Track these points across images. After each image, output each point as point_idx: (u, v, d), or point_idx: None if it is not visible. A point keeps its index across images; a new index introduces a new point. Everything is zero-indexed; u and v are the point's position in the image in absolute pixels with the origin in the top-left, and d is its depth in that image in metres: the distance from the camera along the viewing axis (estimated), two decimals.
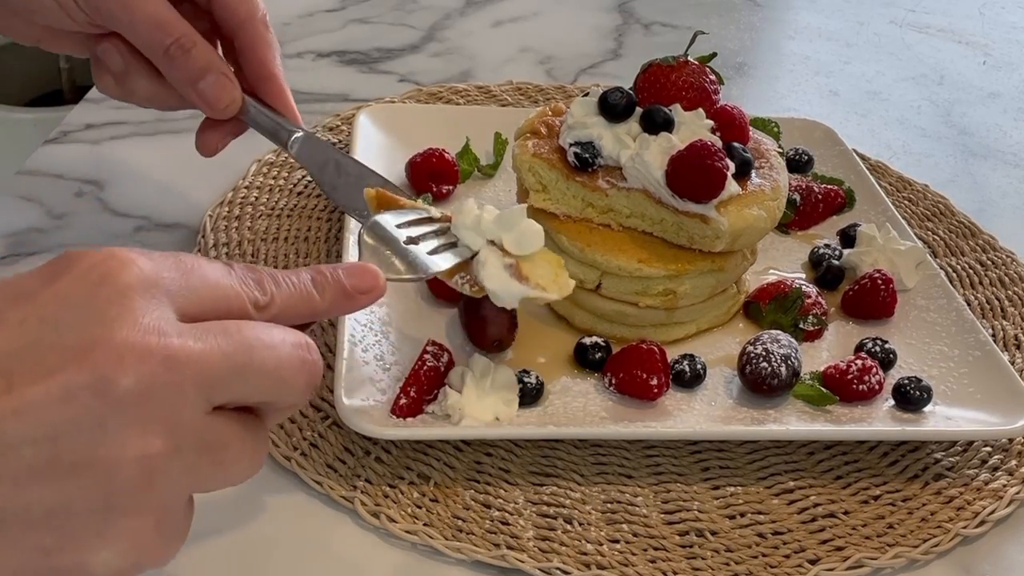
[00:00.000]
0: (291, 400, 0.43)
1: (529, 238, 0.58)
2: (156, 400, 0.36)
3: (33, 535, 0.35)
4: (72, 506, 0.35)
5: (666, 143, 0.70)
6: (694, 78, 0.73)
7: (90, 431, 0.35)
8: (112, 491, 0.36)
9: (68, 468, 0.35)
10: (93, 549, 0.36)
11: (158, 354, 0.37)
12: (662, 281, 0.71)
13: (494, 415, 0.64)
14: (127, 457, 0.36)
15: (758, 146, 0.77)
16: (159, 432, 0.37)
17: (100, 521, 0.36)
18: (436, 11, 1.28)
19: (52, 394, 0.35)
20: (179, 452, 0.37)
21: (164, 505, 0.38)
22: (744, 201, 0.71)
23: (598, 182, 0.72)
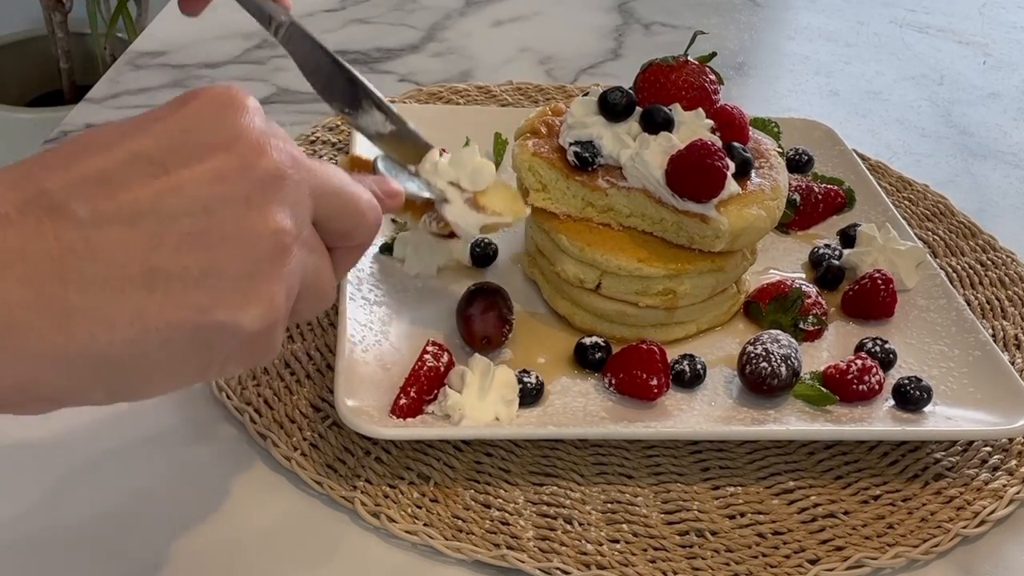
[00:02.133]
0: (361, 235, 0.48)
1: (481, 173, 0.65)
2: (288, 187, 0.42)
3: (192, 294, 0.39)
4: (224, 270, 0.40)
5: (666, 143, 0.70)
6: (694, 78, 0.73)
7: (237, 206, 0.40)
8: (255, 258, 0.41)
9: (220, 237, 0.40)
10: (242, 308, 0.41)
11: (288, 152, 0.42)
12: (662, 281, 0.71)
13: (494, 415, 0.64)
14: (267, 229, 0.41)
15: (758, 146, 0.77)
16: (289, 214, 0.42)
17: (246, 285, 0.41)
18: (436, 11, 1.28)
19: (205, 175, 0.40)
20: (300, 238, 0.43)
21: (291, 283, 0.43)
22: (744, 201, 0.71)
23: (598, 181, 0.72)
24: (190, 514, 0.59)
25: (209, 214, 0.40)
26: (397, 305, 0.73)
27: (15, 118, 1.98)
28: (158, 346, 0.39)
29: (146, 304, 0.39)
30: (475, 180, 0.65)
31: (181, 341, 0.40)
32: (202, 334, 0.40)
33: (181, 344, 0.40)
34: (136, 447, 0.63)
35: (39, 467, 0.61)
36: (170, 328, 0.39)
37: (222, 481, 0.62)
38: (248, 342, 0.42)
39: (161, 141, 0.41)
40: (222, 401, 0.66)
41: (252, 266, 0.41)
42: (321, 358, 0.70)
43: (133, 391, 0.42)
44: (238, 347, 0.42)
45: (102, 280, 0.38)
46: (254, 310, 0.41)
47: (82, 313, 0.38)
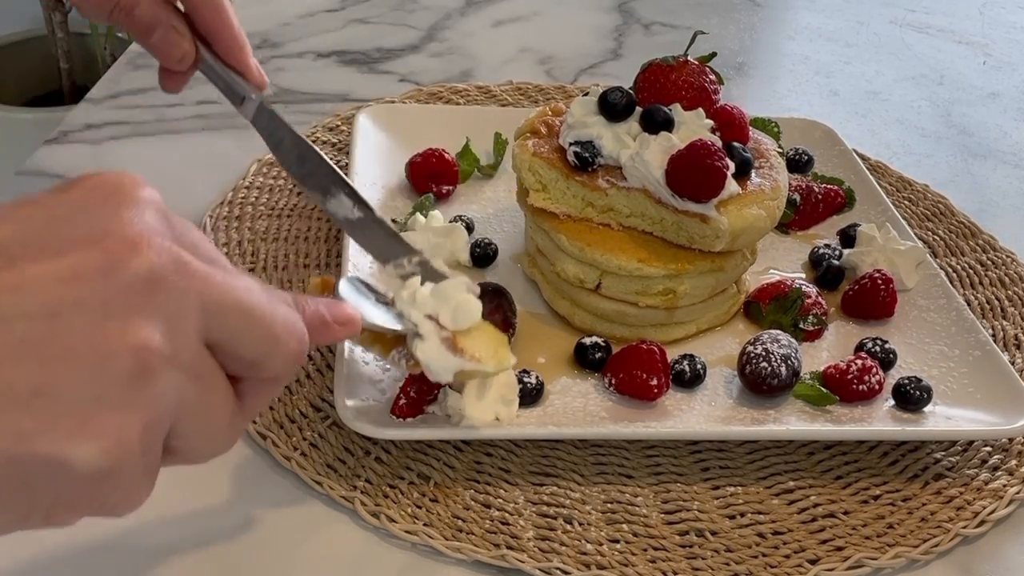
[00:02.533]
0: (276, 365, 0.40)
1: (465, 311, 0.58)
2: (163, 295, 0.35)
3: (12, 415, 0.32)
4: (60, 390, 0.33)
5: (666, 142, 0.70)
6: (694, 78, 0.73)
7: (92, 313, 0.33)
8: (104, 379, 0.33)
9: (63, 349, 0.33)
10: (75, 439, 0.33)
11: (171, 254, 0.35)
12: (662, 281, 0.71)
13: (494, 415, 0.63)
14: (125, 346, 0.34)
15: (758, 146, 0.77)
16: (160, 329, 0.35)
17: (86, 410, 0.33)
18: (436, 11, 1.28)
19: (58, 273, 0.33)
20: (174, 361, 0.35)
21: (152, 416, 0.35)
22: (744, 201, 0.71)
23: (598, 181, 0.72)
24: (190, 514, 0.59)
25: (52, 320, 0.33)
26: None
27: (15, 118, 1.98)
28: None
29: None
30: (457, 318, 0.58)
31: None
32: (18, 469, 0.32)
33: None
34: None
35: None
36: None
37: (222, 481, 0.62)
38: (81, 484, 0.34)
39: (19, 228, 0.34)
40: None
41: (98, 389, 0.33)
42: (321, 358, 0.70)
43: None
44: (68, 490, 0.34)
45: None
46: (91, 444, 0.33)
47: None
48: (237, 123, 0.99)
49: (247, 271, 0.43)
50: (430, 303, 0.57)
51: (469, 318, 0.58)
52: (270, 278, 0.77)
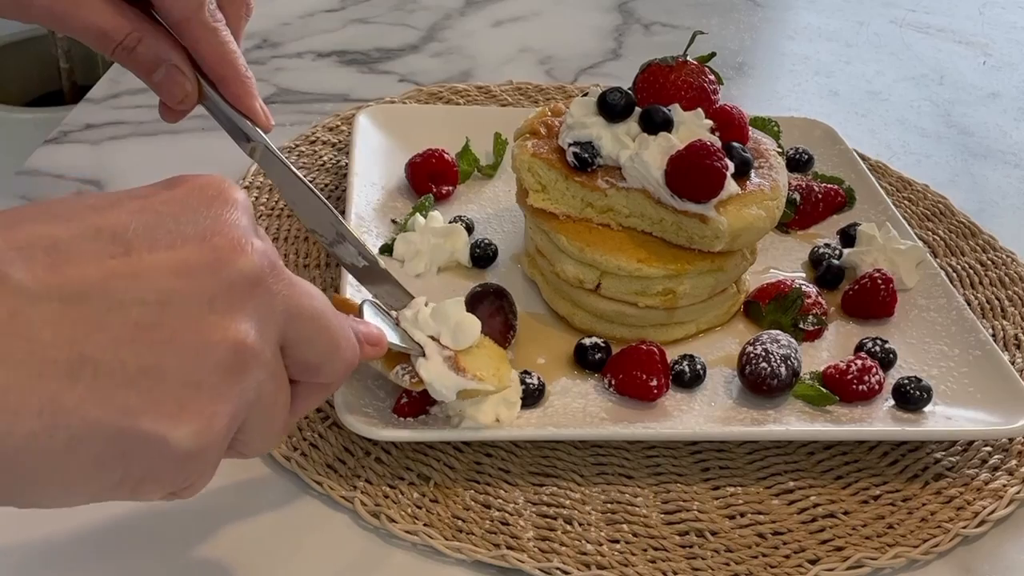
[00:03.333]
0: (333, 372, 0.44)
1: (464, 331, 0.60)
2: (260, 297, 0.38)
3: (122, 392, 0.35)
4: (165, 373, 0.35)
5: (665, 143, 0.70)
6: (693, 78, 0.73)
7: (199, 304, 0.36)
8: (204, 367, 0.36)
9: (171, 335, 0.36)
10: (174, 420, 0.36)
11: (269, 257, 0.39)
12: (661, 281, 0.71)
13: (495, 416, 0.63)
14: (226, 339, 0.37)
15: (757, 146, 0.77)
16: (255, 328, 0.38)
17: (187, 395, 0.36)
18: (436, 11, 1.28)
19: (171, 264, 0.36)
20: (262, 357, 0.38)
21: (239, 407, 0.38)
22: (743, 201, 0.71)
23: (597, 182, 0.72)
24: (189, 514, 0.59)
25: (164, 308, 0.36)
26: None
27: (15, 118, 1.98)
28: (65, 447, 0.34)
29: (64, 395, 0.33)
30: (457, 338, 0.60)
31: (94, 446, 0.35)
32: (121, 442, 0.35)
33: (93, 449, 0.35)
34: None
35: None
36: (85, 427, 0.34)
37: (222, 481, 0.62)
38: (172, 462, 0.37)
39: (132, 220, 0.37)
40: None
41: (199, 376, 0.36)
42: None
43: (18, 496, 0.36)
44: (159, 466, 0.37)
45: (19, 359, 0.33)
46: (188, 426, 0.36)
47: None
48: None
49: None
50: (431, 324, 0.60)
51: (469, 337, 0.61)
52: None
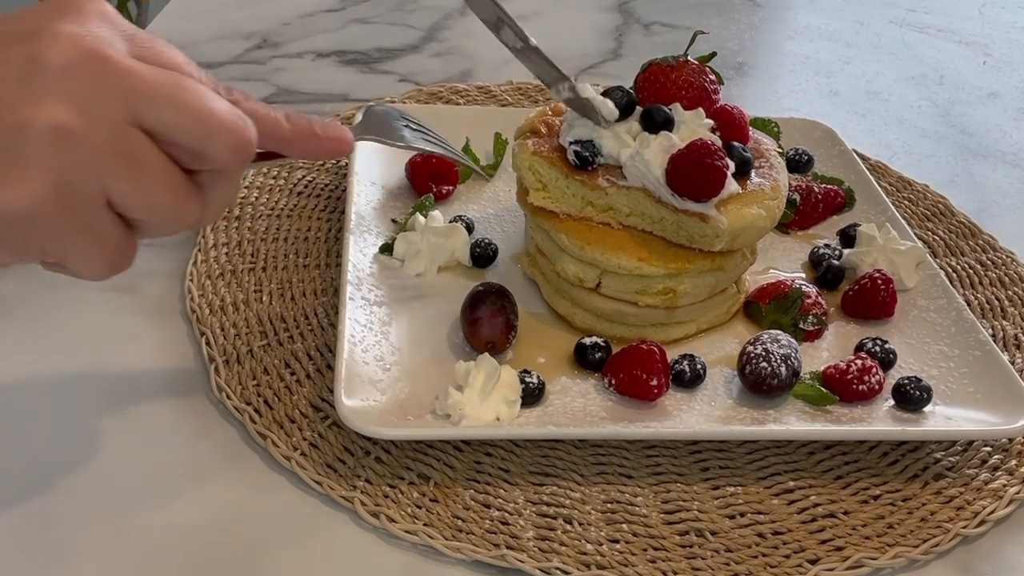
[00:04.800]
0: (218, 157, 0.46)
1: None
2: (78, 81, 0.42)
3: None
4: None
5: (666, 142, 0.70)
6: (694, 78, 0.73)
7: (14, 87, 0.42)
8: (20, 142, 0.41)
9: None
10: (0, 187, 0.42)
11: (91, 47, 0.43)
12: (662, 280, 0.71)
13: (495, 415, 0.64)
14: (40, 116, 0.41)
15: (758, 146, 0.77)
16: (74, 109, 0.42)
17: (6, 164, 0.42)
18: (436, 11, 1.28)
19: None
20: (90, 137, 0.42)
21: (68, 177, 0.42)
22: (744, 200, 0.71)
23: (598, 180, 0.72)
24: (190, 514, 0.59)
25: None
26: (397, 305, 0.73)
27: None
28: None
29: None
30: None
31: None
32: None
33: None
34: (136, 447, 0.63)
35: (38, 467, 0.61)
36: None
37: (222, 481, 0.62)
38: (7, 224, 0.43)
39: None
40: (222, 401, 0.66)
41: (17, 149, 0.41)
42: (321, 358, 0.70)
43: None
44: (13, 228, 0.43)
45: None
46: (8, 192, 0.42)
47: None
48: None
49: (208, 88, 0.47)
50: None
51: None
52: (270, 278, 0.77)
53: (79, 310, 0.73)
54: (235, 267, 0.77)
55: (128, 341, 0.71)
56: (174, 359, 0.70)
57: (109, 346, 0.70)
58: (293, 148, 0.52)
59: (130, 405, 0.66)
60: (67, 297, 0.73)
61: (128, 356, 0.70)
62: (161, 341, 0.71)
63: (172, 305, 0.74)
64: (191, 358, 0.70)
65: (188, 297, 0.73)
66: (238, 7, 1.23)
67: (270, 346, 0.71)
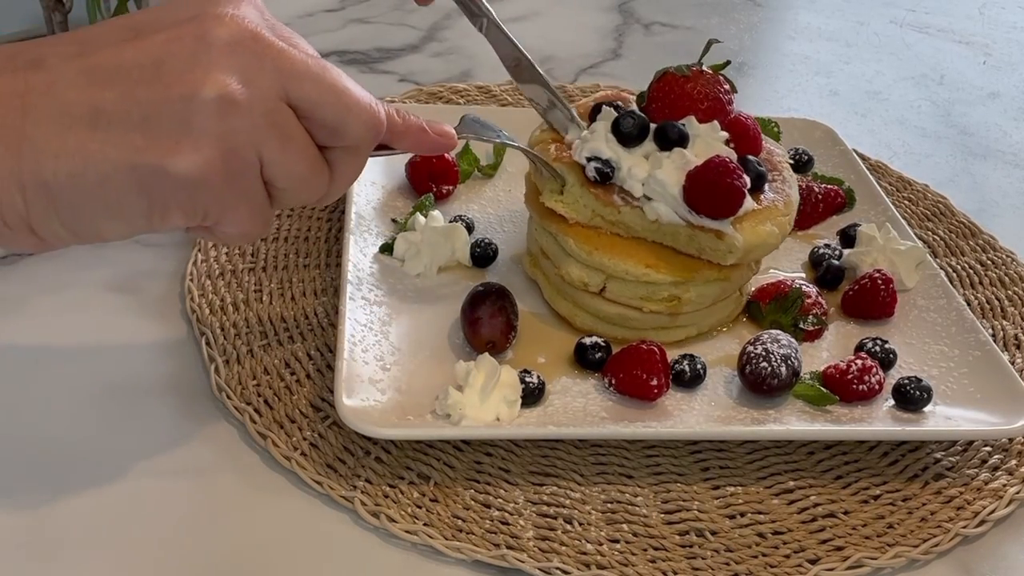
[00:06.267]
0: (354, 134, 0.50)
1: None
2: (240, 57, 0.45)
3: (129, 135, 0.44)
4: (161, 117, 0.44)
5: (680, 159, 0.69)
6: (709, 88, 0.71)
7: (185, 60, 0.45)
8: (191, 111, 0.44)
9: (162, 88, 0.44)
10: (171, 155, 0.44)
11: (251, 29, 0.46)
12: (668, 287, 0.71)
13: (495, 415, 0.64)
14: (208, 87, 0.44)
15: (770, 156, 0.76)
16: (238, 81, 0.45)
17: (180, 134, 0.44)
18: (436, 11, 1.28)
19: (165, 37, 0.45)
20: (251, 109, 0.46)
21: (232, 145, 0.46)
22: (758, 217, 0.70)
23: (612, 197, 0.71)
24: (190, 514, 0.59)
25: (158, 67, 0.44)
26: (397, 305, 0.73)
27: None
28: (97, 182, 0.44)
29: (88, 140, 0.44)
30: None
31: (118, 179, 0.44)
32: (136, 174, 0.44)
33: (118, 182, 0.44)
34: (136, 447, 0.63)
35: (38, 467, 0.61)
36: (108, 165, 0.44)
37: (222, 481, 0.62)
38: (180, 189, 0.45)
39: (150, 15, 0.47)
40: (222, 401, 0.66)
41: (187, 118, 0.44)
42: (321, 358, 0.70)
43: (87, 226, 0.46)
44: (171, 194, 0.46)
45: (54, 115, 0.43)
46: (183, 158, 0.45)
47: (32, 141, 0.43)
48: None
49: None
50: None
51: None
52: (270, 278, 0.77)
53: (79, 310, 0.73)
54: (235, 267, 0.77)
55: (128, 341, 0.71)
56: (174, 359, 0.70)
57: (109, 346, 0.70)
58: (404, 141, 0.56)
59: (130, 405, 0.66)
60: (67, 297, 0.73)
61: (128, 356, 0.70)
62: (161, 341, 0.71)
63: (172, 305, 0.74)
64: (191, 358, 0.70)
65: (188, 297, 0.74)
66: None
67: (270, 346, 0.71)
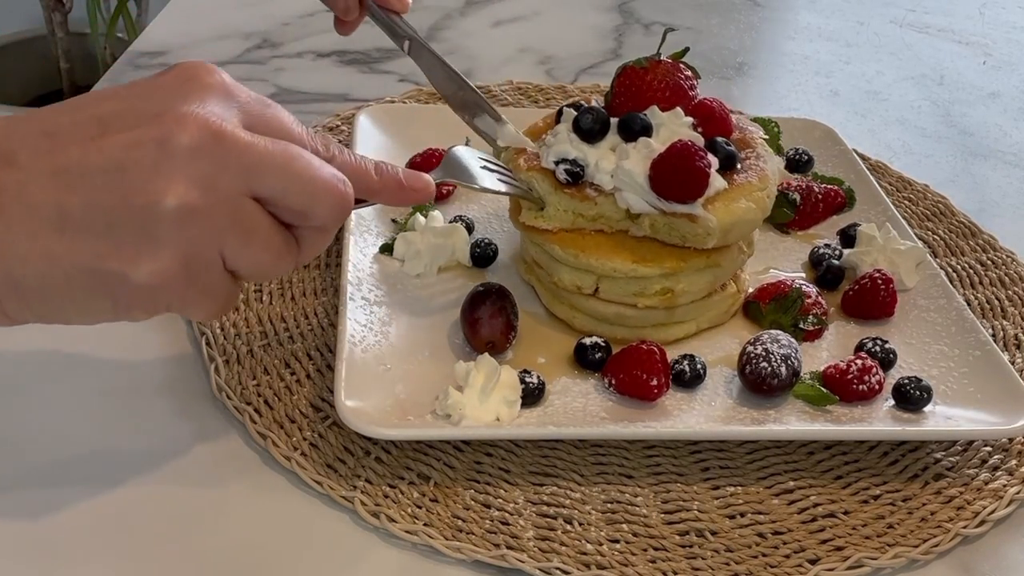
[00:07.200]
0: (321, 217, 0.50)
1: None
2: (202, 162, 0.46)
3: (93, 241, 0.45)
4: (124, 225, 0.45)
5: (645, 149, 0.70)
6: (669, 77, 0.73)
7: (147, 169, 0.45)
8: (152, 222, 0.45)
9: (124, 196, 0.45)
10: (133, 262, 0.45)
11: (212, 128, 0.46)
12: (659, 280, 0.71)
13: (495, 415, 0.64)
14: (170, 197, 0.45)
15: (743, 135, 0.77)
16: (198, 188, 0.46)
17: (141, 243, 0.45)
18: (436, 11, 1.28)
19: (127, 141, 0.45)
20: (213, 213, 0.46)
21: (193, 251, 0.47)
22: (731, 195, 0.71)
23: (586, 191, 0.71)
24: (190, 514, 0.59)
25: (120, 174, 0.45)
26: (397, 305, 0.73)
27: None
28: (64, 282, 0.45)
29: (54, 244, 0.45)
30: None
31: (83, 281, 0.46)
32: (99, 278, 0.46)
33: (84, 283, 0.46)
34: (136, 447, 0.63)
35: (37, 467, 0.61)
36: (73, 268, 0.45)
37: (222, 481, 0.62)
38: (142, 293, 0.47)
39: (118, 106, 0.47)
40: (222, 401, 0.66)
41: (149, 227, 0.45)
42: (321, 358, 0.70)
43: (55, 317, 0.48)
44: (134, 295, 0.47)
45: (23, 217, 0.44)
46: (144, 266, 0.46)
47: (3, 244, 0.44)
48: None
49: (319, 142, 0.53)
50: None
51: None
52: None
53: None
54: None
55: (128, 341, 0.71)
56: (174, 359, 0.70)
57: (109, 346, 0.70)
58: (380, 197, 0.57)
59: (130, 405, 0.66)
60: None
61: (128, 356, 0.70)
62: (161, 341, 0.71)
63: None
64: (191, 358, 0.70)
65: None
66: (238, 7, 1.23)
67: (270, 346, 0.71)
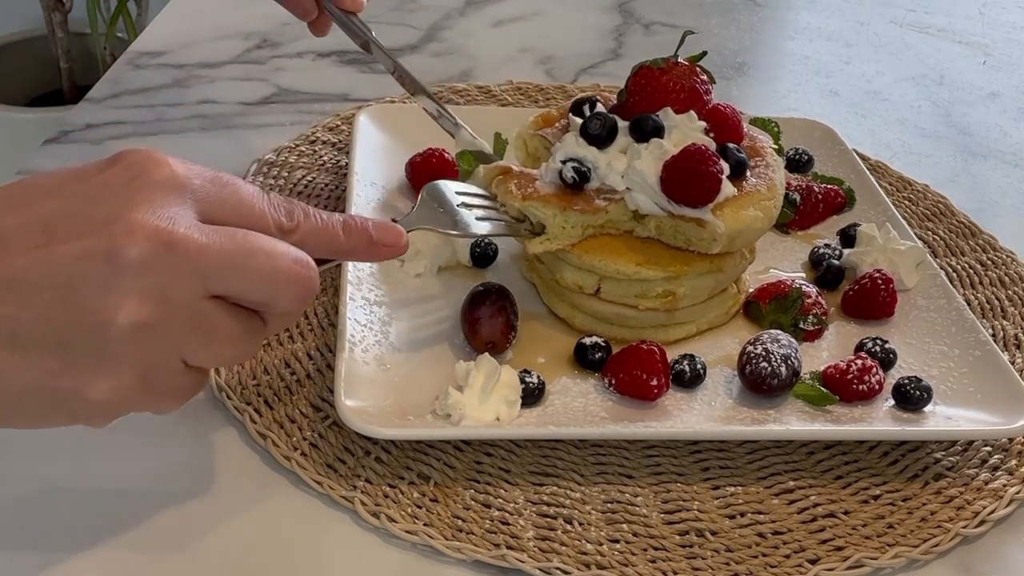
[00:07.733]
0: (283, 307, 0.49)
1: None
2: (154, 274, 0.44)
3: (45, 359, 0.44)
4: (76, 344, 0.44)
5: (658, 150, 0.69)
6: (685, 79, 0.72)
7: (97, 287, 0.43)
8: (105, 340, 0.44)
9: (76, 314, 0.43)
10: (87, 380, 0.44)
11: (163, 237, 0.44)
12: (661, 283, 0.71)
13: (495, 415, 0.64)
14: (122, 315, 0.43)
15: (753, 143, 0.77)
16: (152, 302, 0.44)
17: (95, 361, 0.44)
18: (436, 11, 1.28)
19: (75, 253, 0.43)
20: (168, 324, 0.45)
21: (151, 363, 0.46)
22: (740, 203, 0.71)
23: (595, 203, 0.71)
24: (190, 514, 0.59)
25: (70, 291, 0.43)
26: (397, 305, 0.73)
27: (15, 118, 1.98)
28: (19, 396, 0.44)
29: (6, 359, 0.43)
30: None
31: (38, 396, 0.45)
32: (54, 394, 0.45)
33: (39, 398, 0.45)
34: (136, 447, 0.63)
35: (37, 468, 0.61)
36: (26, 384, 0.44)
37: (222, 481, 0.62)
38: (98, 408, 0.46)
39: (63, 207, 0.44)
40: (222, 401, 0.66)
41: (102, 346, 0.44)
42: (321, 358, 0.70)
43: (12, 423, 0.47)
44: (90, 410, 0.46)
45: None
46: (99, 384, 0.45)
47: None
48: (237, 123, 0.99)
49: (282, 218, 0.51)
50: None
51: None
52: None
53: None
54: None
55: None
56: None
57: None
58: (351, 257, 0.56)
59: None
60: None
61: None
62: None
63: None
64: None
65: None
66: (238, 7, 1.23)
67: (270, 346, 0.71)
